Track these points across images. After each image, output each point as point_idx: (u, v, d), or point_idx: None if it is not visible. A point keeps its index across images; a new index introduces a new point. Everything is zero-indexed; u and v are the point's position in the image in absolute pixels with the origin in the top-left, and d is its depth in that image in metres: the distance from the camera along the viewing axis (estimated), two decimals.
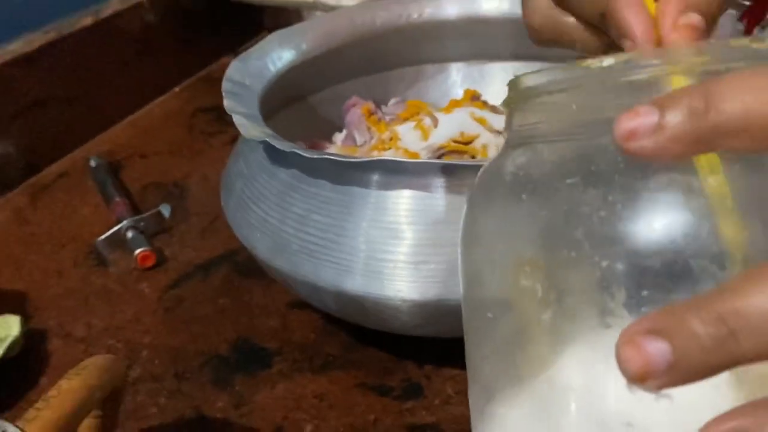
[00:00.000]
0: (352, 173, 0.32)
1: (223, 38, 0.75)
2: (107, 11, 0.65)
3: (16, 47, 0.58)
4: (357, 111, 0.45)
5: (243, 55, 0.42)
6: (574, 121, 0.19)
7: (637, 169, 0.17)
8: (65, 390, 0.23)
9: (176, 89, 0.71)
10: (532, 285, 0.18)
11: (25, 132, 0.59)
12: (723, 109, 0.15)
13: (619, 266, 0.17)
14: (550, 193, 0.19)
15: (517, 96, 0.20)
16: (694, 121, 0.15)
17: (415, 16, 0.48)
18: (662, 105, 0.15)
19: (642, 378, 0.14)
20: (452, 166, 0.31)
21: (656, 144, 0.15)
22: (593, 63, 0.18)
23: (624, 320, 0.17)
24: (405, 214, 0.32)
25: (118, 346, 0.41)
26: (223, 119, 0.65)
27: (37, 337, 0.42)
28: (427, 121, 0.40)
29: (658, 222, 0.17)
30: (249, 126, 0.34)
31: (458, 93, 0.50)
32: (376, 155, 0.39)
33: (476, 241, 0.21)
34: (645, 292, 0.17)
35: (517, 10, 0.47)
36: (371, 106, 0.45)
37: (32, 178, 0.59)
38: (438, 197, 0.31)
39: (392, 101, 0.49)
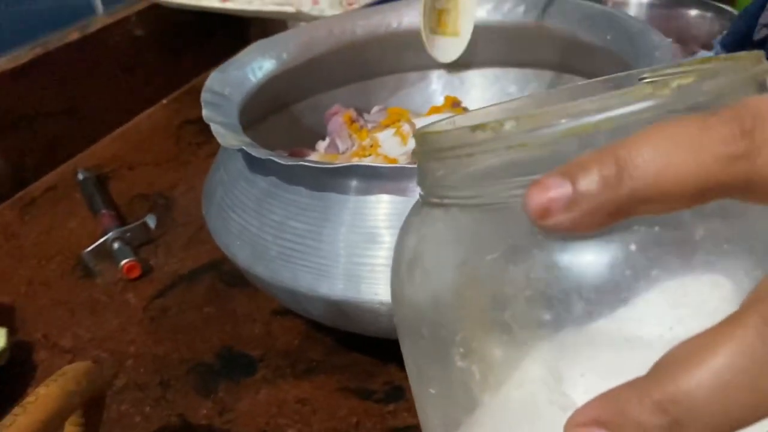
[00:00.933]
0: (328, 180, 0.32)
1: (209, 51, 0.76)
2: (94, 26, 0.66)
3: (3, 63, 0.59)
4: (339, 119, 0.46)
5: (223, 66, 0.42)
6: (483, 186, 0.17)
7: (557, 241, 0.16)
8: (42, 396, 0.23)
9: (163, 101, 0.72)
10: (468, 366, 0.17)
11: (13, 147, 0.59)
12: (636, 175, 0.14)
13: (554, 346, 0.16)
14: (472, 271, 0.17)
15: (424, 153, 0.18)
16: (609, 190, 0.14)
17: (394, 24, 0.49)
18: (572, 175, 0.14)
19: None
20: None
21: (573, 219, 0.14)
22: (498, 125, 0.16)
23: (567, 401, 0.16)
24: (383, 219, 0.32)
25: (103, 356, 0.42)
26: (209, 131, 0.65)
27: (23, 349, 0.43)
28: (406, 127, 0.41)
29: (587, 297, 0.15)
30: (227, 135, 0.34)
31: (439, 100, 0.50)
32: (356, 162, 0.39)
33: (406, 315, 0.20)
34: (583, 374, 0.16)
35: (495, 18, 0.48)
36: (353, 113, 0.46)
37: (21, 191, 0.59)
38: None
39: (375, 109, 0.50)
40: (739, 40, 0.33)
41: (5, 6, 0.61)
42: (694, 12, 0.60)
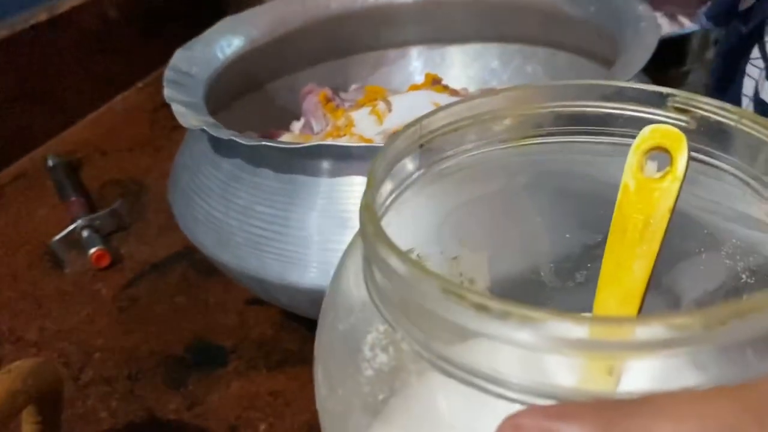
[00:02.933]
0: (297, 161, 0.31)
1: (185, 31, 0.73)
2: (64, 6, 0.63)
3: None
4: (313, 98, 0.44)
5: (189, 44, 0.40)
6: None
7: None
8: None
9: (139, 84, 0.70)
10: None
11: None
12: None
13: None
14: None
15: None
16: None
17: (371, 1, 0.47)
18: None
19: None
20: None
21: None
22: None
23: None
24: (357, 202, 0.31)
25: (70, 348, 0.40)
26: None
27: None
28: (382, 105, 0.39)
29: None
30: (188, 115, 0.32)
31: (420, 78, 0.48)
32: (327, 141, 0.38)
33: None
34: None
35: None
36: (328, 92, 0.44)
37: None
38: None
39: (352, 87, 0.48)
40: (725, 10, 0.32)
41: None
42: None
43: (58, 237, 0.47)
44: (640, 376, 0.14)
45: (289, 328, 0.39)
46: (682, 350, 0.12)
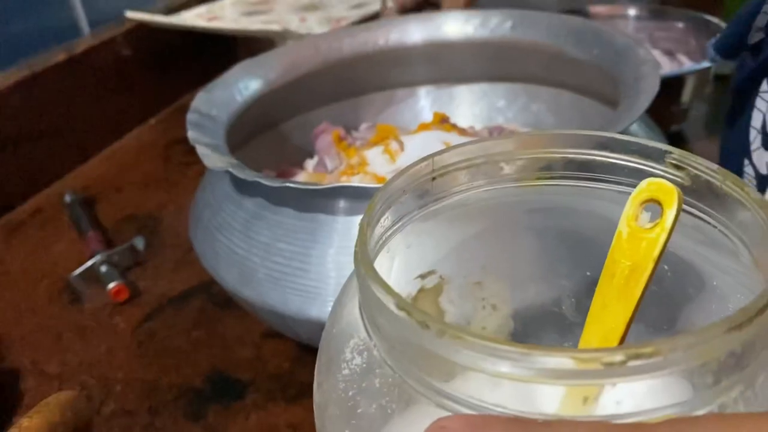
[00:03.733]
0: (316, 200, 0.32)
1: (196, 70, 0.76)
2: (81, 47, 0.66)
3: None
4: (327, 137, 0.46)
5: (209, 86, 0.42)
6: None
7: None
8: (25, 428, 0.23)
9: (151, 121, 0.71)
10: None
11: None
12: None
13: None
14: None
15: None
16: None
17: (381, 42, 0.49)
18: None
19: None
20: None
21: None
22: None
23: None
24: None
25: (91, 381, 0.41)
26: (194, 153, 0.65)
27: (10, 376, 0.42)
28: (394, 145, 0.41)
29: None
30: (213, 156, 0.34)
31: (428, 116, 0.50)
32: (345, 180, 0.39)
33: None
34: None
35: (481, 34, 0.48)
36: (341, 131, 0.46)
37: (6, 215, 0.58)
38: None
39: (363, 126, 0.49)
40: (734, 43, 0.33)
41: None
42: (680, 24, 0.60)
43: (77, 272, 0.48)
44: (608, 405, 0.15)
45: (305, 361, 0.40)
46: (637, 377, 0.14)
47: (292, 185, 0.31)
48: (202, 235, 0.37)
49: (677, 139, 0.56)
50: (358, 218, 0.32)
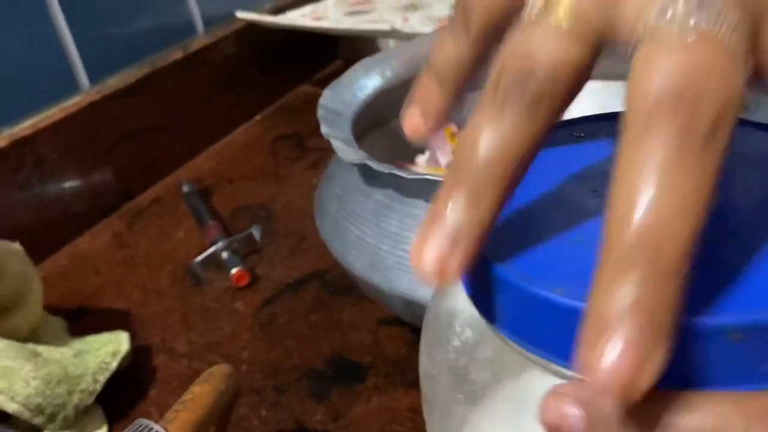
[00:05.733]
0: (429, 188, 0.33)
1: (299, 67, 0.79)
2: (195, 45, 0.69)
3: (115, 82, 0.63)
4: (441, 133, 0.47)
5: (333, 84, 0.44)
6: None
7: None
8: (198, 394, 0.25)
9: (257, 117, 0.75)
10: None
11: (121, 161, 0.63)
12: None
13: None
14: None
15: None
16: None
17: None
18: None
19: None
20: None
21: None
22: None
23: None
24: None
25: (219, 360, 0.44)
26: (303, 145, 0.68)
27: (143, 353, 0.45)
28: None
29: None
30: (347, 150, 0.36)
31: None
32: None
33: None
34: None
35: None
36: (453, 127, 0.47)
37: (128, 203, 0.62)
38: None
39: None
40: None
41: (115, 28, 0.64)
42: None
43: (200, 258, 0.51)
44: None
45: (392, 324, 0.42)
46: None
47: (427, 177, 0.33)
48: (331, 224, 0.39)
49: None
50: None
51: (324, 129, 0.38)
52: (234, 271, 0.49)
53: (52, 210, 0.57)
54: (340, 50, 0.80)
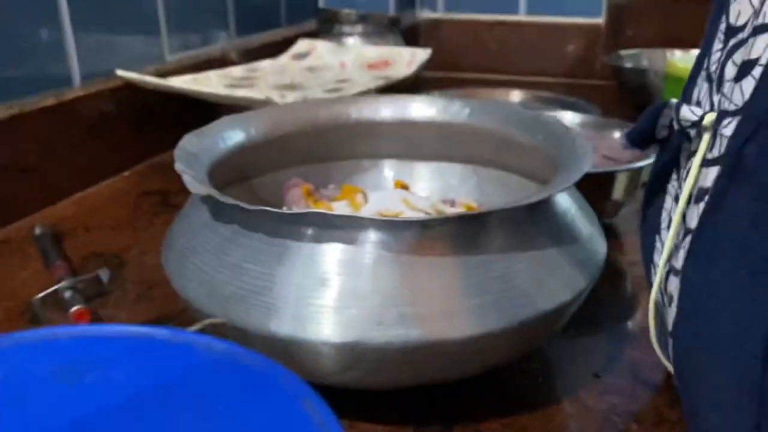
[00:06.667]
0: (286, 226, 0.36)
1: (174, 131, 0.80)
2: (70, 95, 0.70)
3: None
4: (297, 190, 0.50)
5: (195, 131, 0.46)
6: None
7: None
8: None
9: (125, 173, 0.75)
10: None
11: None
12: None
13: None
14: None
15: None
16: None
17: (353, 116, 0.55)
18: None
19: None
20: (377, 222, 0.35)
21: None
22: None
23: None
24: (334, 265, 0.36)
25: None
26: (167, 202, 0.69)
27: None
28: (360, 197, 0.45)
29: None
30: (196, 184, 0.38)
31: (390, 185, 0.55)
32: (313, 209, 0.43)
33: None
34: None
35: (443, 117, 0.54)
36: (310, 187, 0.50)
37: None
38: (365, 250, 0.35)
39: (331, 186, 0.54)
40: (644, 137, 0.39)
41: None
42: (618, 133, 0.68)
43: (40, 295, 0.50)
44: None
45: None
46: None
47: (266, 210, 0.35)
48: (175, 259, 0.40)
49: (609, 231, 0.62)
50: (323, 245, 0.36)
51: (178, 165, 0.40)
52: (74, 309, 0.48)
53: None
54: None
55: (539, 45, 1.27)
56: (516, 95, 1.03)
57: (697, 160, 0.34)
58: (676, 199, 0.37)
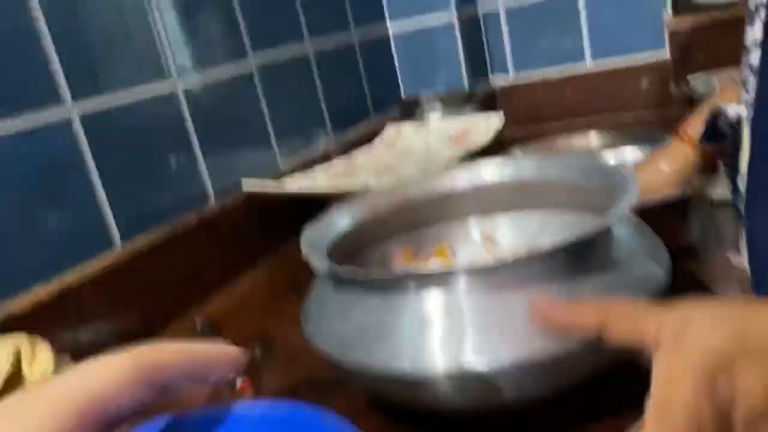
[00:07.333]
0: (394, 284, 0.46)
1: (295, 224, 0.93)
2: (207, 212, 0.85)
3: (145, 242, 0.77)
4: (399, 255, 0.60)
5: (313, 223, 0.58)
6: None
7: None
8: None
9: (258, 267, 0.88)
10: None
11: (146, 306, 0.75)
12: None
13: None
14: None
15: None
16: None
17: (438, 188, 0.65)
18: None
19: None
20: (462, 270, 0.44)
21: None
22: None
23: None
24: (435, 310, 0.45)
25: None
26: (297, 285, 0.81)
27: None
28: (449, 252, 0.55)
29: None
30: (321, 264, 0.49)
31: (475, 238, 0.64)
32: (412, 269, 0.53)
33: None
34: None
35: (518, 176, 0.63)
36: (410, 250, 0.60)
37: (148, 340, 0.74)
38: (458, 294, 0.44)
39: (426, 247, 0.64)
40: (711, 129, 0.50)
41: (144, 194, 0.80)
42: None
43: None
44: None
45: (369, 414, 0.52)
46: None
47: (377, 273, 0.45)
48: (312, 323, 0.51)
49: (689, 253, 0.68)
50: (424, 294, 0.45)
51: (305, 252, 0.51)
52: (239, 382, 0.60)
53: (89, 351, 0.69)
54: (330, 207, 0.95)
55: (611, 86, 1.33)
56: (594, 137, 1.10)
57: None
58: None
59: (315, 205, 0.95)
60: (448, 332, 0.44)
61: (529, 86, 1.40)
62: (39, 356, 0.48)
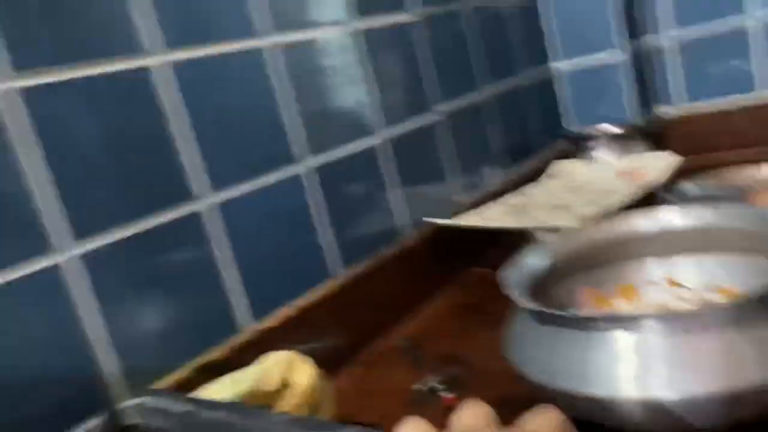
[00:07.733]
0: (587, 323, 0.54)
1: (463, 255, 1.04)
2: (399, 245, 0.97)
3: (350, 273, 0.91)
4: (585, 295, 0.68)
5: (511, 261, 0.67)
6: None
7: None
8: None
9: (442, 292, 0.99)
10: None
11: (355, 325, 0.88)
12: None
13: None
14: None
15: None
16: None
17: (624, 230, 0.72)
18: None
19: None
20: (647, 316, 0.52)
21: None
22: None
23: None
24: (623, 347, 0.53)
25: None
26: (483, 310, 0.91)
27: None
28: (632, 293, 0.62)
29: None
30: (524, 301, 0.58)
31: (654, 279, 0.71)
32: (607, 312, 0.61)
33: None
34: None
35: (693, 223, 0.69)
36: (596, 291, 0.68)
37: (361, 355, 0.87)
38: (644, 335, 0.52)
39: (608, 286, 0.71)
40: None
41: (357, 230, 0.93)
42: None
43: (416, 385, 0.73)
44: None
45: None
46: None
47: (575, 314, 0.54)
48: (516, 352, 0.60)
49: None
50: (614, 333, 0.53)
51: (507, 290, 0.61)
52: (446, 396, 0.70)
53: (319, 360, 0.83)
54: (500, 241, 1.05)
55: None
56: (766, 169, 1.10)
57: None
58: None
59: (486, 236, 1.04)
60: (636, 367, 0.51)
61: (698, 117, 1.41)
62: (302, 367, 0.61)
